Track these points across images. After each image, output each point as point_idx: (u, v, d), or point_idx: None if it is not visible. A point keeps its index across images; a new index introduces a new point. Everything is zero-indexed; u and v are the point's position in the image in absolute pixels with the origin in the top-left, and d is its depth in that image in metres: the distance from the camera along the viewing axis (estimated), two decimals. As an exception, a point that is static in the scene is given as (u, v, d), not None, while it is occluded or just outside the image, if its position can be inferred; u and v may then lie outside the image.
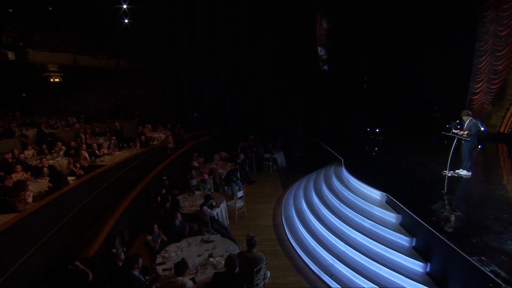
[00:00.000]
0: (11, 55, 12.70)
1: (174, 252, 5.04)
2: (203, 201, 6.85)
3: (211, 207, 6.71)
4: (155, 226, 5.52)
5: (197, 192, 7.99)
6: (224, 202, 7.57)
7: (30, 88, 17.92)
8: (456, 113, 11.92)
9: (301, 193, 8.83)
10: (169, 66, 17.66)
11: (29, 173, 7.78)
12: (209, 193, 7.80)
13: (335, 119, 15.58)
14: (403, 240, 5.23)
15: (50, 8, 17.44)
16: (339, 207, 6.96)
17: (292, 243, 6.81)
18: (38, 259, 5.11)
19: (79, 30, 16.65)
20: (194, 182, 9.00)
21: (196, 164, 10.44)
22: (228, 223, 7.63)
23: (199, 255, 5.00)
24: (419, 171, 8.00)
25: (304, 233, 6.91)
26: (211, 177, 8.95)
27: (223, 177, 9.75)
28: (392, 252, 5.08)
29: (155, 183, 8.23)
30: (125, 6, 16.07)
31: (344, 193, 7.39)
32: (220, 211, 7.32)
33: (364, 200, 6.52)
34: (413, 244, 5.09)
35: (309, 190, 8.76)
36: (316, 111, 15.94)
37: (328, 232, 6.35)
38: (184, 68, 17.45)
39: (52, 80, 16.45)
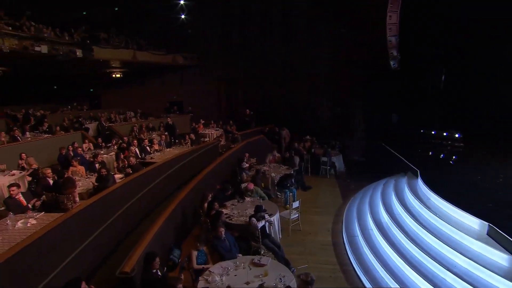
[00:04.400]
0: (79, 53, 13.44)
1: (218, 276, 4.34)
2: (253, 210, 6.08)
3: (261, 218, 5.84)
4: (201, 244, 4.82)
5: (248, 199, 7.24)
6: (278, 213, 6.69)
7: (96, 84, 19.10)
8: None
9: (366, 207, 7.60)
10: (222, 61, 17.36)
11: (83, 167, 7.79)
12: (261, 201, 7.00)
13: (404, 120, 13.71)
14: (522, 294, 3.84)
15: (116, 9, 18.28)
16: (418, 232, 5.66)
17: (357, 270, 5.69)
18: (78, 264, 4.84)
19: (139, 27, 17.16)
20: (245, 185, 8.30)
21: (247, 165, 9.73)
22: (280, 236, 6.76)
23: (247, 283, 4.22)
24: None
25: (371, 259, 5.76)
26: (263, 185, 8.14)
27: (275, 181, 8.91)
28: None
29: (205, 185, 7.69)
30: (182, 2, 16.10)
31: (424, 214, 6.03)
32: (272, 221, 6.48)
33: (454, 228, 5.13)
34: (539, 302, 3.70)
35: (376, 205, 7.50)
36: (381, 111, 14.25)
37: (404, 263, 5.12)
38: (238, 64, 16.98)
39: (114, 76, 17.22)
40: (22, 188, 7.41)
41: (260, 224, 5.65)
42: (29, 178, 7.85)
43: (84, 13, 17.55)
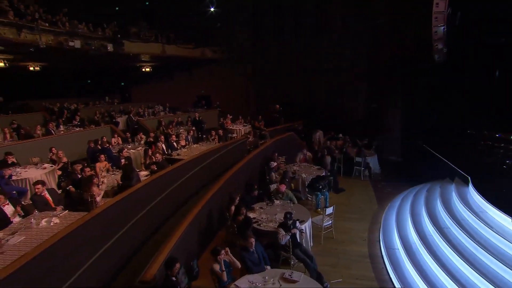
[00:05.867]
0: (110, 47, 13.59)
1: (246, 291, 3.95)
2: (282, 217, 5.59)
3: (293, 226, 5.36)
4: (223, 252, 4.39)
5: (277, 202, 6.78)
6: (310, 219, 6.17)
7: (126, 78, 19.42)
8: None
9: (407, 216, 6.87)
10: (252, 55, 16.91)
11: (109, 164, 7.70)
12: (291, 205, 6.52)
13: (447, 118, 12.49)
14: None
15: (147, 3, 18.41)
16: (473, 250, 4.92)
17: (398, 288, 5.08)
18: (101, 266, 4.65)
19: (169, 21, 17.12)
20: (274, 186, 7.85)
21: (275, 165, 9.24)
22: (311, 244, 6.26)
23: (277, 301, 3.80)
24: None
25: (415, 277, 5.11)
26: (292, 186, 7.63)
27: (306, 183, 8.36)
28: None
29: (232, 185, 7.32)
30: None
31: (480, 230, 5.26)
32: (304, 229, 5.99)
33: (522, 250, 4.38)
34: None
35: (418, 213, 6.76)
36: (421, 108, 13.10)
37: (456, 286, 4.44)
38: (268, 58, 16.44)
39: (143, 70, 17.35)
40: (52, 181, 7.49)
41: (285, 239, 5.12)
42: (60, 172, 7.92)
43: (116, 8, 17.86)
